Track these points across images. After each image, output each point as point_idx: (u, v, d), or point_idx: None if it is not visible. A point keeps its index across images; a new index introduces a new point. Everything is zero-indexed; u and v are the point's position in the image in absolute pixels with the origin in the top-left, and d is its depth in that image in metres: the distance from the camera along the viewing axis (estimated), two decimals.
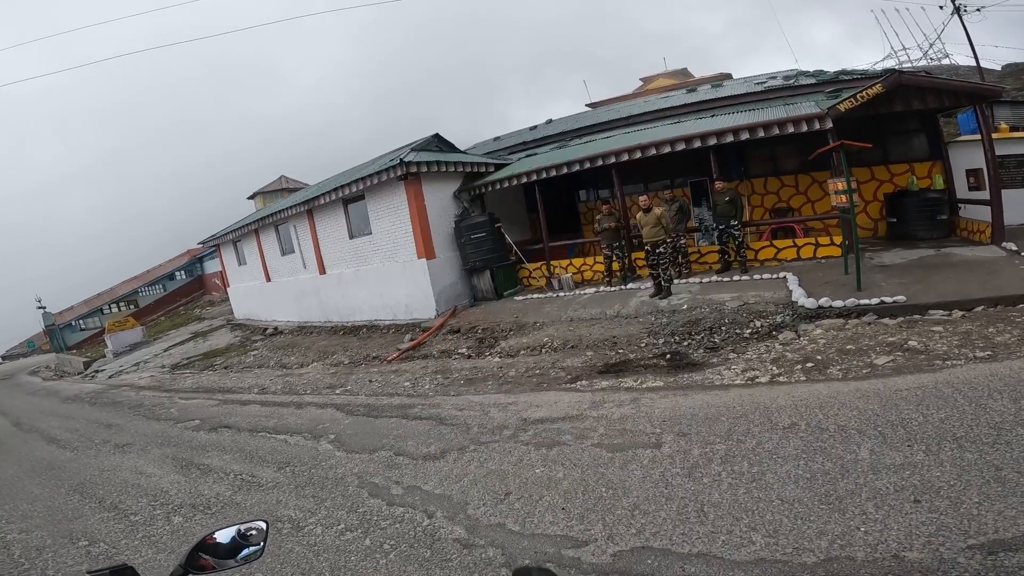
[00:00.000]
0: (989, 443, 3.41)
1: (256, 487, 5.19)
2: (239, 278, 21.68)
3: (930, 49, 24.69)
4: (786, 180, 13.47)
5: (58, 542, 4.71)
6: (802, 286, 8.39)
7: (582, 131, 17.42)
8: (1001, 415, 3.74)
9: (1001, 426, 3.59)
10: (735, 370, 6.22)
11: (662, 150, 11.07)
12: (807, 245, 10.58)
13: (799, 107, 10.98)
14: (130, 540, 4.50)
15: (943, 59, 24.42)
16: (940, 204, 10.94)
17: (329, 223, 15.24)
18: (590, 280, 12.73)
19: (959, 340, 5.64)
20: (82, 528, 4.94)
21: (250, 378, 11.84)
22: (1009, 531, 2.61)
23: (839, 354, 5.99)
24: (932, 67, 22.80)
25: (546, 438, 5.00)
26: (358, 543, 3.74)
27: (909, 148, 12.32)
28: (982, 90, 9.69)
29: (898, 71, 10.22)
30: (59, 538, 4.79)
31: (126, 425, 9.19)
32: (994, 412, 3.80)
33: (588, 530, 3.37)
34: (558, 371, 7.60)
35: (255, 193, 31.07)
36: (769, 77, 16.48)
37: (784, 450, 3.86)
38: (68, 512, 5.42)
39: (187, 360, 16.34)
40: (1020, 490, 2.89)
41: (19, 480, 6.96)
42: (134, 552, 4.23)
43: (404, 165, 12.05)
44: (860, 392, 4.68)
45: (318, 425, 6.94)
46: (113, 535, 4.67)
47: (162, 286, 35.65)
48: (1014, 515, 2.71)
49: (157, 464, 6.56)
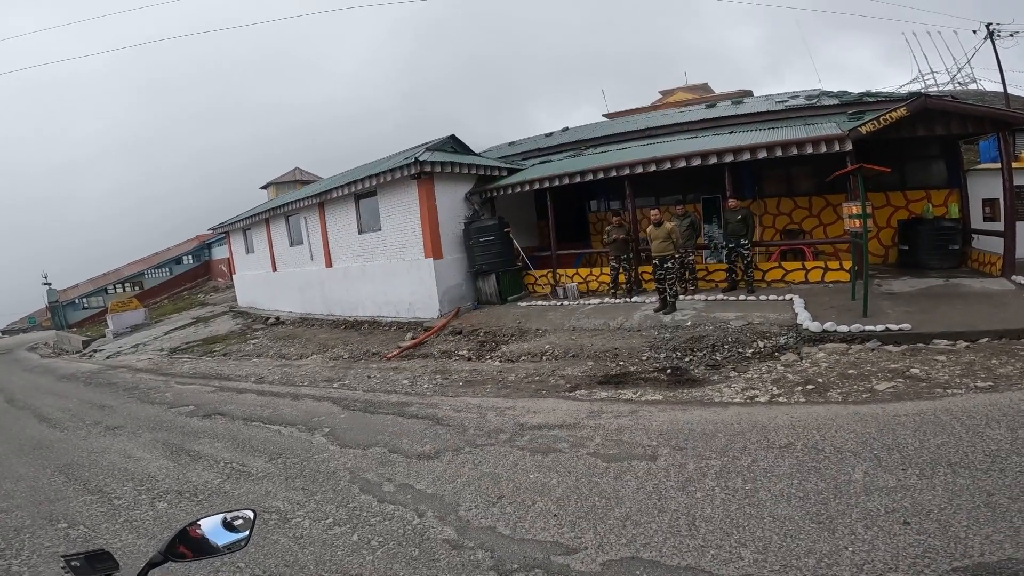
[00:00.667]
0: (983, 469, 3.47)
1: (246, 476, 5.15)
2: (246, 266, 21.73)
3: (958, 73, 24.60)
4: (800, 202, 13.40)
5: (37, 523, 4.65)
6: (808, 309, 8.32)
7: (598, 140, 17.41)
8: (997, 443, 3.80)
9: (996, 454, 3.65)
10: (735, 388, 6.20)
11: (677, 164, 11.03)
12: (816, 269, 10.50)
13: (819, 127, 10.93)
14: (111, 524, 4.44)
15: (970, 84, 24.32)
16: (953, 233, 10.84)
17: (340, 217, 15.25)
18: (595, 291, 12.67)
19: (961, 370, 5.67)
20: (63, 510, 4.88)
21: (248, 366, 11.82)
22: (995, 555, 2.65)
23: (840, 378, 5.99)
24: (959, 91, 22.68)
25: (542, 444, 4.97)
26: (345, 538, 3.69)
27: (928, 175, 12.21)
28: (1007, 117, 9.52)
29: (924, 94, 10.04)
30: (39, 519, 4.72)
31: (119, 407, 9.17)
32: (990, 440, 3.86)
33: (579, 538, 3.34)
34: (558, 379, 7.55)
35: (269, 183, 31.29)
36: (791, 96, 16.42)
37: (779, 468, 3.87)
38: (51, 493, 5.35)
39: (186, 345, 16.34)
40: (1009, 515, 2.94)
41: (6, 458, 6.89)
42: (113, 536, 4.17)
43: (418, 164, 12.05)
44: (858, 416, 4.70)
45: (313, 418, 6.90)
46: (94, 518, 4.60)
47: (168, 269, 35.75)
48: (1001, 539, 2.75)
49: (147, 448, 6.51)
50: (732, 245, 10.37)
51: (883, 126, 9.18)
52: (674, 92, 28.88)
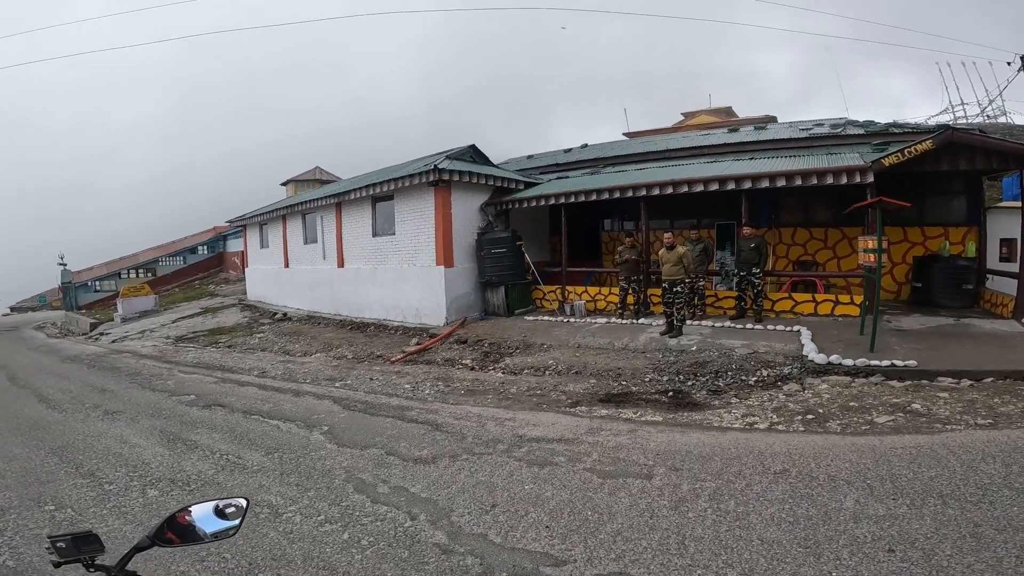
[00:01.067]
0: (973, 502, 3.53)
1: (241, 469, 5.14)
2: (259, 260, 21.91)
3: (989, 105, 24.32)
4: (816, 232, 13.32)
5: (24, 504, 4.58)
6: (815, 341, 8.29)
7: (616, 159, 17.46)
8: (990, 477, 3.86)
9: (988, 487, 3.70)
10: (735, 414, 6.20)
11: (694, 188, 11.03)
12: (826, 301, 10.42)
13: (842, 157, 10.86)
14: (99, 509, 4.40)
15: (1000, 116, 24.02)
16: (968, 273, 10.74)
17: (355, 218, 15.38)
18: (603, 310, 12.66)
19: (963, 407, 5.70)
20: (53, 492, 4.82)
21: (252, 360, 11.87)
22: None
23: (841, 409, 6.00)
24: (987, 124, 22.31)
25: (539, 457, 4.95)
26: (336, 536, 3.68)
27: (947, 211, 12.08)
28: None
29: (951, 127, 9.85)
30: (26, 500, 4.66)
31: (120, 392, 9.18)
32: (984, 474, 3.92)
33: (569, 550, 3.32)
34: (559, 394, 7.54)
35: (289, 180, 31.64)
36: (816, 124, 16.38)
37: (771, 493, 3.89)
38: (42, 475, 5.30)
39: (193, 334, 16.43)
40: (994, 546, 3.00)
41: (1, 437, 6.84)
42: (100, 521, 4.13)
43: (437, 171, 12.13)
44: (855, 446, 4.72)
45: (313, 415, 6.90)
46: (83, 502, 4.56)
47: (183, 258, 36.08)
48: (983, 568, 2.80)
49: (144, 435, 6.49)
50: (743, 273, 10.33)
51: (907, 159, 9.08)
52: (697, 114, 28.76)
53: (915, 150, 9.01)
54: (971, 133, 9.90)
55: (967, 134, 9.55)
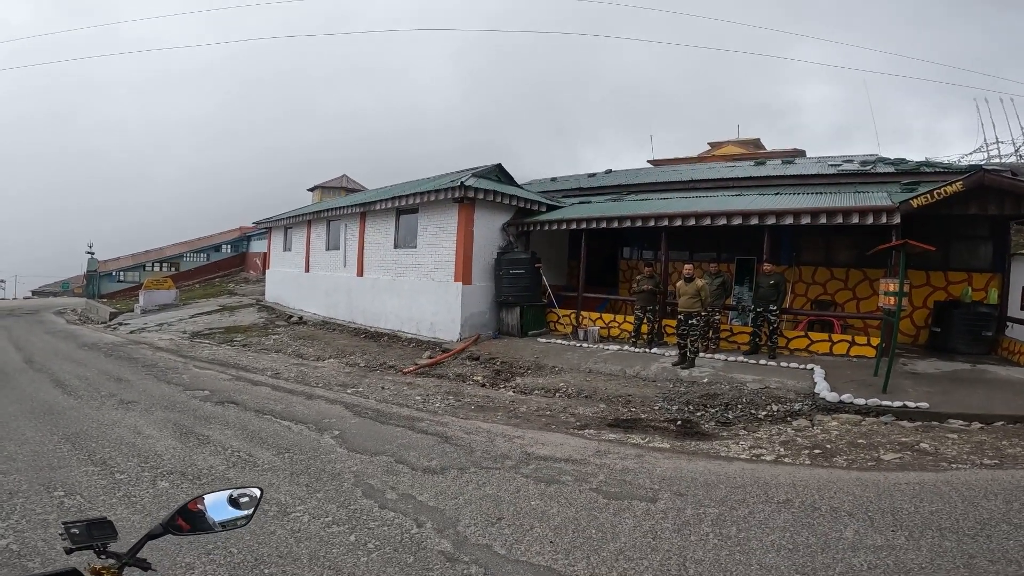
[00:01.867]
0: (970, 535, 3.61)
1: (251, 466, 5.22)
2: (280, 263, 22.22)
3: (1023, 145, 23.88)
4: (836, 272, 13.20)
5: (33, 489, 4.55)
6: (827, 380, 8.26)
7: (640, 187, 17.53)
8: (990, 513, 3.95)
9: (987, 522, 3.79)
10: (743, 445, 6.23)
11: (717, 222, 11.05)
12: (842, 342, 10.31)
13: (869, 196, 10.78)
14: (108, 497, 4.40)
15: None
16: (989, 320, 10.58)
17: (379, 229, 15.59)
18: (616, 337, 12.64)
19: (971, 448, 5.76)
20: (63, 478, 4.78)
21: (266, 360, 12.01)
22: None
23: (848, 446, 6.04)
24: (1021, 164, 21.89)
25: (546, 475, 4.99)
26: (343, 537, 3.73)
27: (973, 256, 11.82)
28: None
29: (983, 168, 9.61)
30: (36, 485, 4.63)
31: (136, 382, 9.30)
32: (984, 510, 4.01)
33: (572, 566, 3.36)
34: (568, 416, 7.56)
35: (316, 186, 32.12)
36: (845, 160, 16.22)
37: (773, 522, 3.95)
38: (54, 460, 5.29)
39: (209, 330, 16.62)
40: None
41: (15, 419, 6.83)
42: (109, 510, 4.11)
43: (463, 188, 12.30)
44: (860, 481, 4.78)
45: (324, 419, 6.98)
46: (92, 490, 4.56)
47: (206, 255, 36.51)
48: None
49: (157, 427, 6.55)
50: (760, 309, 10.30)
51: (935, 200, 8.89)
52: (724, 145, 28.58)
53: (944, 192, 8.82)
54: (1002, 176, 9.63)
55: (998, 177, 9.29)
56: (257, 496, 1.59)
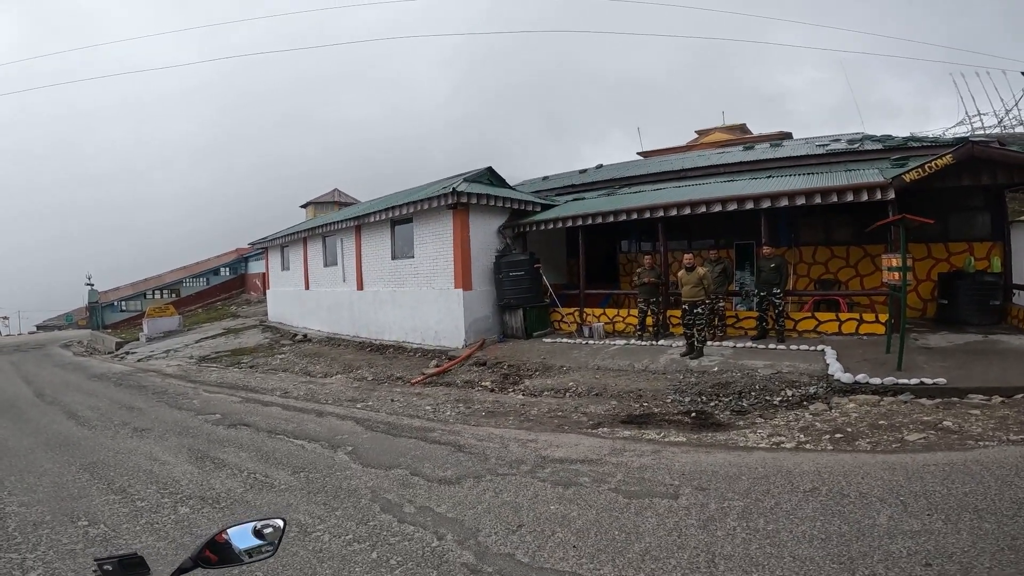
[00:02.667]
0: (1009, 515, 3.51)
1: (268, 488, 5.20)
2: (279, 282, 22.23)
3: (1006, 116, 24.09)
4: (837, 251, 13.22)
5: (57, 519, 4.60)
6: (840, 360, 8.21)
7: (632, 180, 17.50)
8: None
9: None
10: (761, 434, 6.16)
11: (712, 208, 11.04)
12: (850, 320, 10.28)
13: (862, 174, 10.78)
14: (132, 525, 4.42)
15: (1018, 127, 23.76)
16: (995, 289, 10.58)
17: (375, 241, 15.57)
18: (621, 332, 12.64)
19: (995, 424, 5.64)
20: (85, 508, 4.85)
21: (274, 380, 12.00)
22: None
23: (870, 428, 5.95)
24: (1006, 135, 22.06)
25: (563, 477, 4.96)
26: (364, 555, 3.71)
27: (971, 226, 11.90)
28: None
29: (971, 141, 9.69)
30: (59, 515, 4.68)
31: (148, 410, 9.32)
32: (1019, 489, 3.92)
33: (597, 569, 3.32)
34: (580, 416, 7.53)
35: (308, 203, 32.14)
36: (832, 139, 16.22)
37: (802, 511, 3.87)
38: (74, 490, 5.34)
39: (216, 354, 16.63)
40: None
41: (31, 452, 6.93)
42: (134, 538, 4.15)
43: (455, 194, 12.30)
44: (887, 464, 4.68)
45: (337, 435, 6.97)
46: (115, 518, 4.58)
47: (206, 279, 36.59)
48: None
49: (172, 453, 6.58)
50: (764, 293, 10.27)
51: (927, 174, 8.94)
52: (711, 132, 28.42)
53: (936, 165, 8.87)
54: (991, 147, 9.68)
55: (987, 148, 9.36)
56: (281, 527, 1.59)
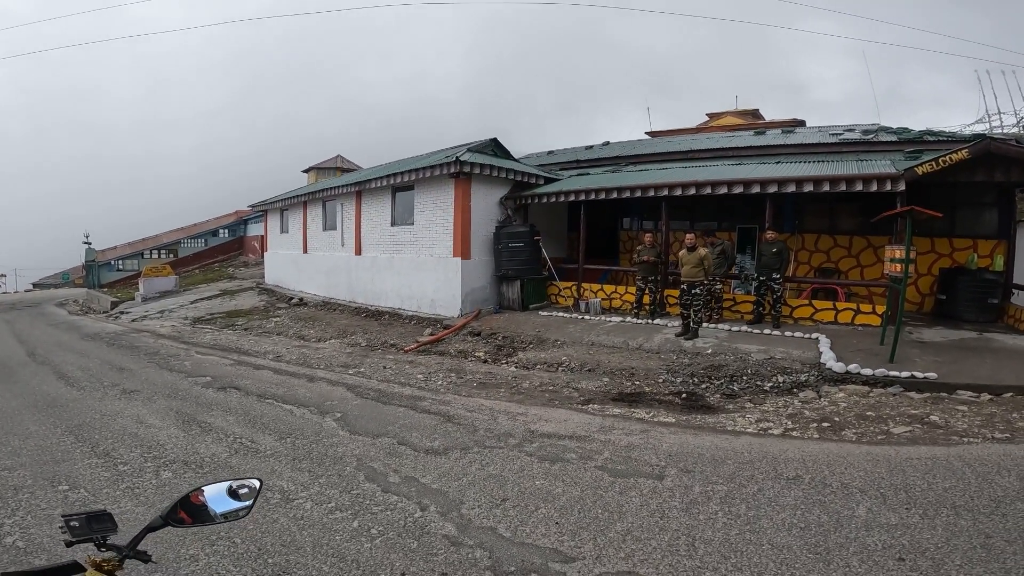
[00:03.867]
0: (986, 513, 3.55)
1: (254, 453, 5.17)
2: (278, 245, 22.12)
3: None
4: (840, 240, 13.10)
5: (38, 483, 4.55)
6: (833, 350, 8.19)
7: (638, 158, 17.32)
8: (1004, 490, 3.89)
9: (1002, 500, 3.73)
10: (749, 419, 6.16)
11: (718, 190, 10.91)
12: (847, 310, 10.25)
13: (873, 164, 10.66)
14: (112, 490, 4.38)
15: None
16: (995, 287, 10.52)
17: (375, 207, 15.45)
18: (618, 309, 12.59)
19: (981, 421, 5.68)
20: (67, 472, 4.80)
21: (267, 344, 11.97)
22: None
23: (857, 418, 5.97)
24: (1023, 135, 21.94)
25: (550, 453, 4.95)
26: (345, 523, 3.69)
27: (978, 223, 11.82)
28: None
29: (988, 137, 9.61)
30: (40, 480, 4.63)
31: (138, 371, 9.24)
32: (998, 487, 3.94)
33: (578, 547, 3.33)
34: (572, 391, 7.52)
35: (310, 167, 31.81)
36: (846, 129, 15.99)
37: (784, 499, 3.89)
38: (58, 454, 5.28)
39: (210, 316, 16.58)
40: (1004, 557, 3.04)
41: (18, 414, 6.79)
42: (112, 502, 4.09)
43: (459, 163, 12.14)
44: (870, 456, 4.72)
45: (326, 401, 6.94)
46: (96, 482, 4.54)
47: (204, 241, 36.37)
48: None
49: (160, 415, 6.51)
50: (763, 278, 10.19)
51: (941, 168, 8.85)
52: (723, 115, 28.07)
53: (950, 159, 8.77)
54: (1008, 144, 9.58)
55: (1005, 145, 9.26)
56: (256, 487, 1.58)
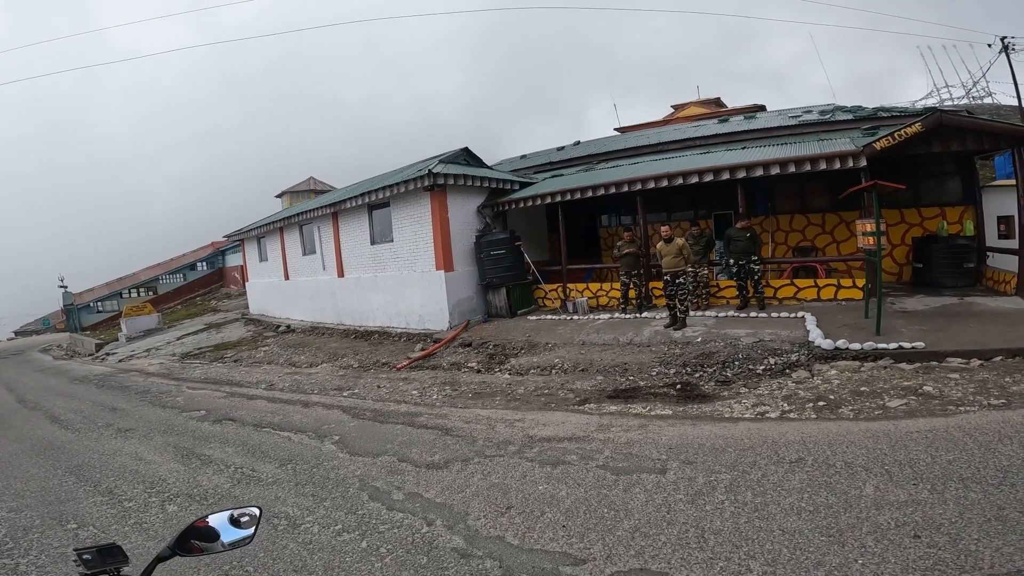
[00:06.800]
0: (994, 484, 3.49)
1: (256, 482, 5.17)
2: (258, 274, 21.92)
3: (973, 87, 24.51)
4: (813, 219, 13.37)
5: (47, 523, 4.62)
6: (820, 327, 8.29)
7: (610, 155, 17.48)
8: (1009, 459, 3.84)
9: (1008, 469, 3.68)
10: (745, 404, 6.20)
11: (689, 180, 11.04)
12: (828, 286, 10.43)
13: (833, 143, 10.89)
14: (120, 526, 4.43)
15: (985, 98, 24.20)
16: (968, 252, 10.78)
17: (353, 227, 15.39)
18: (605, 306, 12.68)
19: (975, 388, 5.69)
20: (73, 511, 4.86)
21: (259, 373, 11.89)
22: (1005, 567, 2.67)
23: (852, 395, 5.99)
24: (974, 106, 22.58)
25: (551, 456, 4.97)
26: (354, 545, 3.70)
27: (943, 192, 12.14)
28: (1023, 133, 9.37)
29: (939, 110, 9.93)
30: (48, 519, 4.71)
31: (131, 410, 9.21)
32: (1002, 456, 3.90)
33: (587, 549, 3.33)
34: (567, 392, 7.56)
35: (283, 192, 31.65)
36: (804, 111, 16.33)
37: (789, 483, 3.88)
38: (62, 494, 5.35)
39: (198, 350, 16.45)
40: (1020, 528, 2.97)
41: (16, 458, 6.87)
42: (123, 538, 4.14)
43: (432, 176, 12.15)
44: (870, 432, 4.70)
45: (323, 425, 6.93)
46: (104, 519, 4.60)
47: (183, 275, 36.08)
48: (1011, 552, 2.77)
49: (158, 451, 6.53)
50: (742, 262, 10.35)
51: (897, 142, 9.11)
52: (687, 106, 28.50)
53: (905, 133, 9.04)
54: (959, 115, 9.97)
55: (955, 116, 9.60)
56: (257, 515, 1.62)
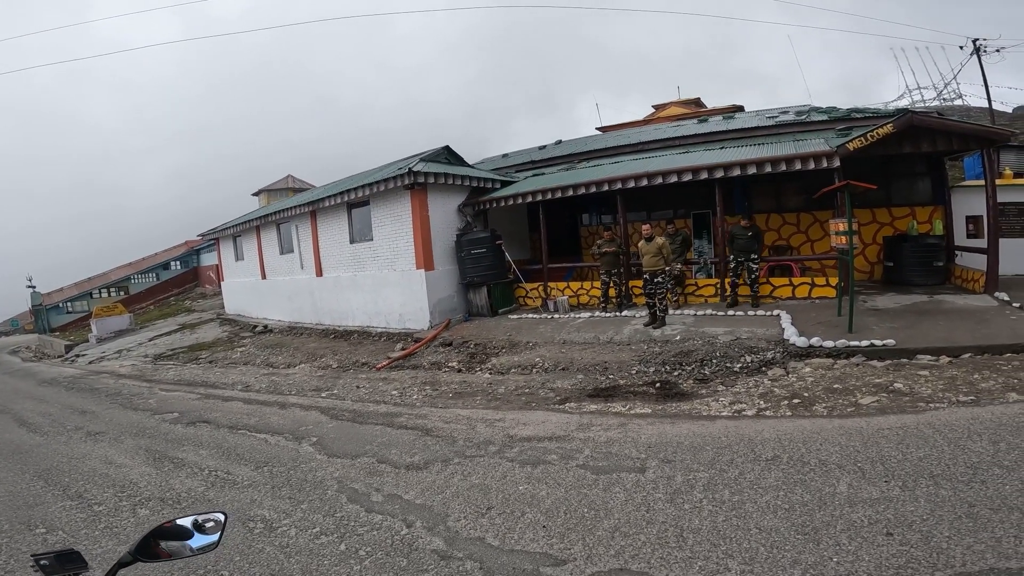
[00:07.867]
0: (964, 481, 3.55)
1: (231, 485, 5.09)
2: (234, 273, 21.59)
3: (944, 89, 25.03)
4: (788, 218, 13.54)
5: (14, 528, 4.54)
6: (795, 325, 8.41)
7: (591, 154, 17.53)
8: (979, 456, 3.90)
9: (978, 466, 3.74)
10: (723, 402, 6.26)
11: (669, 179, 11.11)
12: (803, 285, 10.60)
13: (809, 144, 11.04)
14: (90, 530, 4.36)
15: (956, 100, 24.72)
16: (938, 250, 10.99)
17: (331, 226, 15.22)
18: (586, 304, 12.70)
19: (944, 384, 5.80)
20: (42, 515, 4.78)
21: (235, 374, 11.72)
22: (976, 564, 2.71)
23: (826, 392, 6.08)
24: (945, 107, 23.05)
25: (531, 456, 4.96)
26: (332, 547, 3.66)
27: (913, 191, 12.39)
28: (991, 134, 9.62)
29: (910, 111, 10.12)
30: (16, 524, 4.62)
31: (101, 413, 9.03)
32: (972, 453, 3.96)
33: (568, 549, 3.33)
34: (548, 391, 7.55)
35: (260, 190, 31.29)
36: (781, 112, 16.59)
37: (765, 481, 3.92)
38: (30, 498, 5.25)
39: (172, 351, 16.17)
40: (991, 526, 3.02)
41: None
42: (93, 542, 4.09)
43: (412, 174, 12.07)
44: (843, 429, 4.77)
45: (301, 427, 6.84)
46: (73, 524, 4.52)
47: (155, 275, 35.42)
48: (982, 549, 2.82)
49: (129, 455, 6.41)
50: (742, 259, 10.43)
51: (870, 143, 9.28)
52: (667, 106, 28.80)
53: (877, 134, 9.20)
54: (930, 116, 10.14)
55: (926, 117, 9.78)
56: (222, 520, 1.59)
